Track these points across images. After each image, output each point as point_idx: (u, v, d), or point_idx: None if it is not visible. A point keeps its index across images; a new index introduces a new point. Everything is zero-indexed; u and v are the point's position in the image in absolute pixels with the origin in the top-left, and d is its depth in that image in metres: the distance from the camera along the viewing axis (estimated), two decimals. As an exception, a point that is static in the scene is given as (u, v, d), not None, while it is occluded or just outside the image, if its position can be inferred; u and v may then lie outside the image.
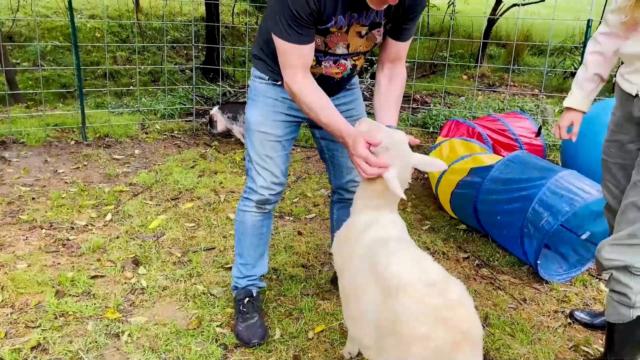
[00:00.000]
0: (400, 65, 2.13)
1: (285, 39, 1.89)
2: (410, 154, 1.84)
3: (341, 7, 1.87)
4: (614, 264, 2.00)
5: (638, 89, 2.01)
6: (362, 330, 1.68)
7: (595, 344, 2.41)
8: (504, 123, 4.02)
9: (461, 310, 1.45)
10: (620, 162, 2.19)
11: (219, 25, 7.35)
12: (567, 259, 3.09)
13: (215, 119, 4.85)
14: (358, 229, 1.86)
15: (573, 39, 8.55)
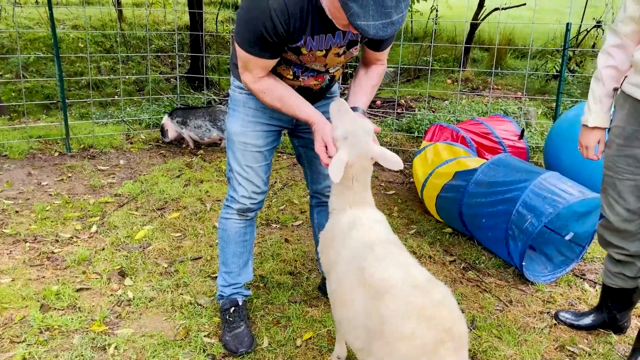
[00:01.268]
0: (379, 64, 2.17)
1: (247, 51, 1.90)
2: (370, 145, 1.87)
3: (310, 28, 1.87)
4: None
5: None
6: (352, 334, 1.70)
7: (581, 344, 2.44)
8: (488, 126, 4.06)
9: (444, 310, 1.49)
10: (631, 178, 2.12)
11: (203, 34, 7.34)
12: (551, 259, 3.13)
13: (166, 127, 4.84)
14: (342, 229, 1.87)
15: (554, 42, 8.66)
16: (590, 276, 3.01)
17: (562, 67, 4.50)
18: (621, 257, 2.29)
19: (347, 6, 1.57)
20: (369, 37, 1.63)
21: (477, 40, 9.33)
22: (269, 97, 2.02)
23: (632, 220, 2.19)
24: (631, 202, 2.16)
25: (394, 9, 1.57)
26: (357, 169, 1.89)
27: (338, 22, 1.77)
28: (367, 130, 1.89)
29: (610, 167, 2.20)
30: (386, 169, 4.56)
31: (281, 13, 1.79)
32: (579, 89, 6.73)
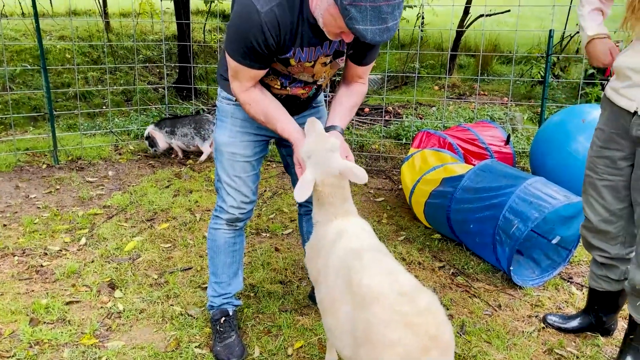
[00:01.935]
0: (361, 82, 2.19)
1: (238, 61, 1.94)
2: (334, 161, 1.91)
3: (299, 40, 1.91)
4: None
5: (638, 105, 1.99)
6: (341, 342, 1.71)
7: (569, 347, 2.47)
8: (474, 132, 4.11)
9: (430, 317, 1.50)
10: (609, 179, 2.18)
11: (191, 45, 7.35)
12: (539, 263, 3.16)
13: (156, 138, 4.82)
14: (329, 240, 1.89)
15: (538, 47, 8.77)
16: (577, 279, 3.05)
17: (547, 72, 4.57)
18: (604, 260, 2.33)
19: (346, 10, 1.61)
20: (366, 41, 1.67)
21: (463, 47, 9.43)
22: (254, 109, 2.05)
23: (612, 221, 2.24)
24: (610, 202, 2.21)
25: (390, 15, 1.63)
26: (329, 186, 1.92)
27: (330, 30, 1.80)
28: (330, 148, 1.92)
29: (590, 167, 2.26)
30: (375, 175, 4.59)
31: (272, 26, 1.82)
32: (563, 94, 6.82)
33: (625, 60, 2.04)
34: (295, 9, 1.85)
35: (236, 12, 1.88)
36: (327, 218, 1.95)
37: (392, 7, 1.62)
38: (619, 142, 2.12)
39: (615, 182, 2.17)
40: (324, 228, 1.95)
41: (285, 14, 1.84)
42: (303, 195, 1.87)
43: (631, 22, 1.98)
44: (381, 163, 4.93)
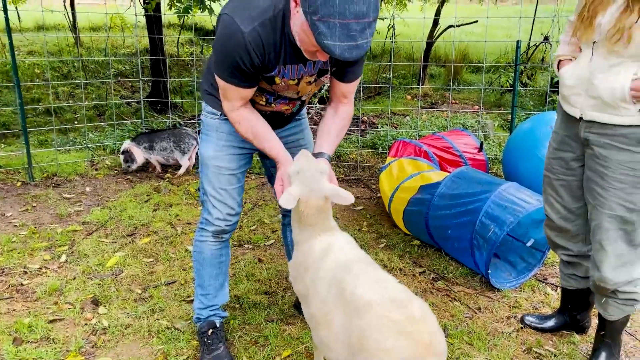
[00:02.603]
0: (347, 102, 2.23)
1: (226, 81, 2.00)
2: (322, 183, 1.95)
3: (283, 58, 1.97)
4: (620, 283, 2.18)
5: (581, 112, 2.13)
6: (335, 353, 1.75)
7: (547, 346, 2.57)
8: (448, 141, 4.22)
9: (423, 325, 1.55)
10: (564, 178, 2.32)
11: (165, 59, 7.34)
12: (515, 266, 3.27)
13: (134, 154, 4.79)
14: (316, 256, 1.92)
15: (506, 56, 9.03)
16: (552, 280, 3.16)
17: (515, 81, 4.73)
18: (569, 258, 2.45)
19: (315, 26, 1.66)
20: (335, 57, 1.72)
21: (434, 57, 9.64)
22: (243, 128, 2.11)
23: (571, 219, 2.36)
24: (568, 201, 2.34)
25: (359, 33, 1.67)
26: (313, 208, 1.95)
27: (306, 48, 1.85)
28: (321, 170, 1.97)
29: (548, 168, 2.39)
30: (353, 184, 4.67)
31: (256, 45, 1.87)
32: (531, 102, 7.03)
33: (567, 70, 2.19)
34: (278, 29, 1.91)
35: (221, 33, 1.93)
36: (310, 236, 1.98)
37: (362, 26, 1.66)
38: (570, 144, 2.26)
39: (570, 182, 2.31)
40: (308, 245, 1.98)
41: (269, 34, 1.90)
42: (289, 204, 1.91)
43: (580, 31, 2.11)
44: (359, 172, 5.01)
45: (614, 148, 2.07)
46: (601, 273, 2.18)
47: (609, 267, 2.16)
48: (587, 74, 2.09)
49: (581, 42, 2.14)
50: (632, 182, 2.06)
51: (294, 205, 1.93)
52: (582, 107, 2.13)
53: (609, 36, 1.99)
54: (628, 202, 2.08)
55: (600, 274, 2.19)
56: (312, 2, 1.63)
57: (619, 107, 2.01)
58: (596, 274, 2.21)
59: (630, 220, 2.10)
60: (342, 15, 1.62)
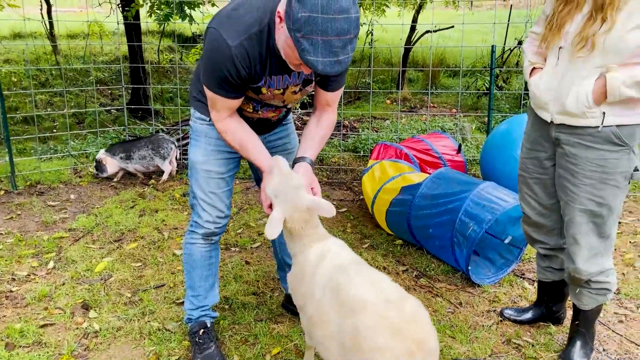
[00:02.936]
0: (330, 111, 2.31)
1: (214, 92, 2.08)
2: (301, 198, 2.02)
3: (269, 70, 2.06)
4: (593, 273, 2.31)
5: (552, 116, 2.26)
6: (330, 352, 1.81)
7: (525, 337, 2.68)
8: (428, 143, 4.35)
9: (416, 324, 1.62)
10: (538, 177, 2.45)
11: (144, 66, 7.35)
12: (494, 262, 3.40)
13: (105, 162, 4.82)
14: (312, 264, 1.98)
15: (482, 60, 9.25)
16: (529, 275, 3.29)
17: (491, 85, 4.89)
18: (546, 251, 2.58)
19: (298, 42, 1.74)
20: (317, 72, 1.81)
21: (411, 62, 9.83)
22: (231, 137, 2.19)
23: (546, 215, 2.49)
24: (542, 197, 2.46)
25: (341, 49, 1.76)
26: (299, 221, 2.01)
27: (290, 61, 1.93)
28: (296, 186, 2.03)
29: (522, 167, 2.52)
30: (337, 187, 4.77)
31: (242, 58, 1.96)
32: (507, 104, 7.23)
33: (535, 79, 2.32)
34: (264, 42, 1.99)
35: (208, 47, 2.01)
36: (303, 247, 2.04)
37: (344, 43, 1.74)
38: (542, 144, 2.39)
39: (544, 180, 2.43)
40: (303, 257, 2.04)
41: (254, 47, 1.98)
42: (274, 233, 1.96)
43: (549, 38, 2.24)
44: (342, 175, 5.11)
45: (583, 146, 2.20)
46: (575, 265, 2.31)
47: (582, 259, 2.29)
48: (554, 82, 2.22)
49: (549, 49, 2.27)
50: (599, 178, 2.19)
51: (279, 232, 1.98)
52: (551, 112, 2.26)
53: (574, 43, 2.12)
54: (597, 197, 2.21)
55: (574, 266, 2.31)
56: (295, 20, 1.71)
57: (585, 113, 2.14)
58: (571, 266, 2.34)
59: (599, 214, 2.23)
60: (325, 33, 1.70)
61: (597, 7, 2.04)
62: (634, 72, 2.03)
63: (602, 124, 2.13)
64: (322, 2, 1.68)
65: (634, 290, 3.07)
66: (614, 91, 2.06)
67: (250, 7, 2.01)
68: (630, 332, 2.71)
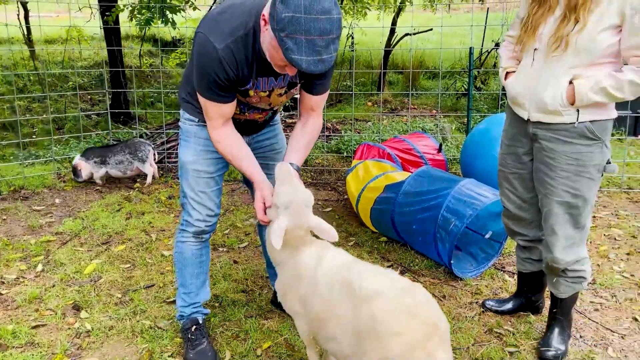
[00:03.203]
0: (315, 116, 2.37)
1: (206, 97, 2.15)
2: (307, 216, 2.06)
3: (255, 72, 2.13)
4: (569, 262, 2.42)
5: (529, 114, 2.38)
6: (341, 344, 1.87)
7: (506, 326, 2.79)
8: (409, 143, 4.46)
9: (428, 307, 1.72)
10: (517, 172, 2.56)
11: (124, 70, 7.35)
12: (475, 257, 3.51)
13: (79, 167, 4.81)
14: (310, 267, 2.03)
15: (460, 62, 9.43)
16: (509, 268, 3.41)
17: (469, 86, 5.03)
18: (525, 243, 2.69)
19: (283, 42, 1.82)
20: (302, 71, 1.88)
21: (391, 64, 9.97)
22: (222, 146, 2.24)
23: (525, 208, 2.60)
24: (521, 191, 2.58)
25: (324, 49, 1.84)
26: (295, 236, 2.06)
27: (275, 62, 2.00)
28: (307, 203, 2.08)
29: (502, 163, 2.63)
30: (321, 188, 4.85)
31: (230, 60, 2.03)
32: (485, 105, 7.40)
33: (512, 80, 2.45)
34: (249, 45, 2.07)
35: (196, 51, 2.08)
36: (290, 254, 2.09)
37: (327, 42, 1.82)
38: (520, 140, 2.50)
39: (522, 174, 2.55)
40: (296, 261, 2.08)
41: (240, 50, 2.06)
42: (279, 241, 1.99)
43: (524, 39, 2.35)
44: (326, 176, 5.19)
45: (559, 141, 2.32)
46: (553, 254, 2.43)
47: (559, 249, 2.41)
48: (531, 82, 2.34)
49: (524, 50, 2.38)
50: (575, 170, 2.31)
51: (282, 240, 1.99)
52: (528, 110, 2.37)
53: (549, 44, 2.24)
54: (573, 189, 2.33)
55: (552, 255, 2.43)
56: (279, 20, 1.79)
57: (560, 111, 2.26)
58: (549, 256, 2.45)
59: (575, 205, 2.35)
60: (308, 32, 1.78)
61: (571, 8, 2.17)
62: (599, 78, 2.16)
63: (577, 120, 2.25)
64: (305, 3, 1.76)
65: (608, 280, 3.20)
66: (581, 97, 2.20)
67: (236, 11, 2.09)
68: (605, 319, 2.84)
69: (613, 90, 2.16)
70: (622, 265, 3.39)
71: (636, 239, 3.75)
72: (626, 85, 2.15)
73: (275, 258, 2.18)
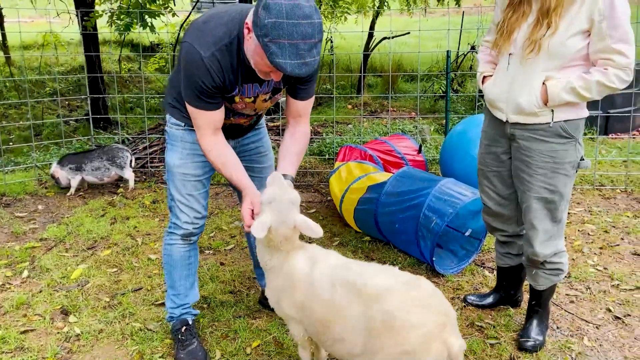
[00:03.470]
0: (303, 123, 2.43)
1: (194, 106, 2.20)
2: (292, 213, 2.05)
3: (241, 79, 2.20)
4: (548, 254, 2.53)
5: (506, 116, 2.49)
6: (350, 344, 1.89)
7: (487, 319, 2.90)
8: (390, 144, 4.56)
9: (438, 297, 1.78)
10: (496, 170, 2.67)
11: (102, 76, 7.31)
12: (456, 254, 3.61)
13: (56, 174, 4.79)
14: (304, 271, 2.06)
15: (437, 65, 9.60)
16: (489, 264, 3.52)
17: (447, 88, 5.16)
18: (505, 238, 2.80)
19: (267, 47, 1.89)
20: (287, 74, 1.94)
21: (370, 67, 10.10)
22: (213, 156, 2.27)
23: (505, 205, 2.71)
24: (500, 189, 2.69)
25: (307, 52, 1.91)
26: (281, 236, 2.05)
27: (260, 69, 2.07)
28: (292, 200, 2.07)
29: (481, 162, 2.74)
30: (304, 190, 4.92)
31: (216, 68, 2.10)
32: (462, 107, 7.56)
33: (489, 84, 2.56)
34: (234, 53, 2.13)
35: (183, 60, 2.15)
36: (284, 259, 2.11)
37: (309, 46, 1.90)
38: (499, 140, 2.61)
39: (501, 172, 2.66)
40: (289, 265, 2.10)
41: (226, 57, 2.12)
42: (261, 233, 2.00)
43: (500, 43, 2.46)
44: (309, 178, 5.27)
45: (535, 140, 2.43)
46: (533, 248, 2.54)
47: (539, 242, 2.52)
48: (507, 86, 2.46)
49: (500, 54, 2.50)
50: (551, 167, 2.43)
51: (264, 234, 2.01)
52: (506, 112, 2.49)
53: (524, 47, 2.35)
54: (550, 185, 2.45)
55: (532, 249, 2.54)
56: (262, 26, 1.86)
57: (536, 112, 2.38)
58: (529, 249, 2.56)
59: (552, 200, 2.46)
60: (291, 37, 1.86)
61: (543, 13, 2.28)
62: (570, 79, 2.29)
63: (552, 120, 2.37)
64: (286, 9, 1.84)
65: (582, 273, 3.34)
66: (554, 97, 2.32)
67: (220, 21, 2.16)
68: (580, 310, 2.96)
69: (582, 91, 2.29)
70: (596, 259, 3.53)
71: (608, 234, 3.90)
72: (594, 86, 2.27)
73: (266, 264, 2.17)
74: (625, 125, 6.20)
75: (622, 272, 3.33)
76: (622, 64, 2.23)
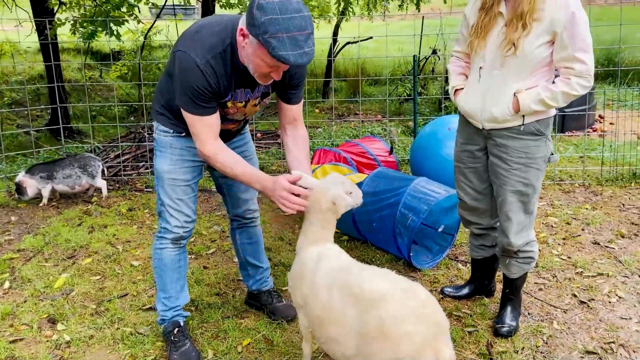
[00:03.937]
0: (299, 127, 2.55)
1: (192, 112, 2.29)
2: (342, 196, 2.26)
3: (234, 85, 2.31)
4: (521, 244, 2.71)
5: (481, 124, 2.64)
6: (345, 345, 1.95)
7: (463, 309, 3.07)
8: (363, 146, 4.72)
9: (432, 307, 1.83)
10: (472, 166, 2.84)
11: (63, 84, 7.21)
12: (430, 249, 3.78)
13: (24, 184, 4.71)
14: (309, 265, 2.16)
15: (400, 69, 9.85)
16: (462, 257, 3.71)
17: (414, 91, 5.35)
18: (479, 231, 2.98)
19: (267, 43, 2.01)
20: (290, 64, 2.04)
21: (334, 72, 10.27)
22: (221, 159, 2.33)
23: (480, 199, 2.88)
24: (476, 184, 2.86)
25: (305, 42, 2.04)
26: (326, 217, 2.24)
27: (262, 70, 2.17)
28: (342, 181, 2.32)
29: (457, 160, 2.91)
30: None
31: (211, 74, 2.20)
32: (427, 109, 7.81)
33: (461, 97, 2.74)
34: (228, 60, 2.24)
35: (178, 68, 2.23)
36: (309, 244, 2.23)
37: (305, 37, 2.03)
38: (475, 138, 2.78)
39: (477, 168, 2.83)
40: (302, 255, 2.22)
41: (220, 65, 2.23)
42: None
43: (474, 44, 2.64)
44: (282, 182, 5.35)
45: (510, 138, 2.62)
46: (508, 239, 2.72)
47: (513, 233, 2.70)
48: (479, 98, 2.63)
49: (472, 62, 2.67)
50: (525, 162, 2.62)
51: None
52: (481, 121, 2.66)
53: (501, 47, 2.51)
54: (524, 179, 2.63)
55: (507, 240, 2.72)
56: (260, 24, 1.98)
57: (509, 119, 2.56)
58: (504, 240, 2.74)
59: (526, 193, 2.65)
60: (288, 30, 1.99)
61: (517, 16, 2.45)
62: (538, 90, 2.49)
63: (522, 122, 2.56)
64: (278, 6, 1.98)
65: (548, 263, 3.56)
66: (524, 107, 2.52)
67: (211, 30, 2.26)
68: (549, 297, 3.17)
69: (549, 101, 2.49)
70: (560, 249, 3.77)
71: (570, 226, 4.15)
72: (559, 96, 2.48)
73: (302, 241, 2.29)
74: (580, 123, 6.56)
75: (584, 260, 3.56)
76: (582, 72, 2.44)
